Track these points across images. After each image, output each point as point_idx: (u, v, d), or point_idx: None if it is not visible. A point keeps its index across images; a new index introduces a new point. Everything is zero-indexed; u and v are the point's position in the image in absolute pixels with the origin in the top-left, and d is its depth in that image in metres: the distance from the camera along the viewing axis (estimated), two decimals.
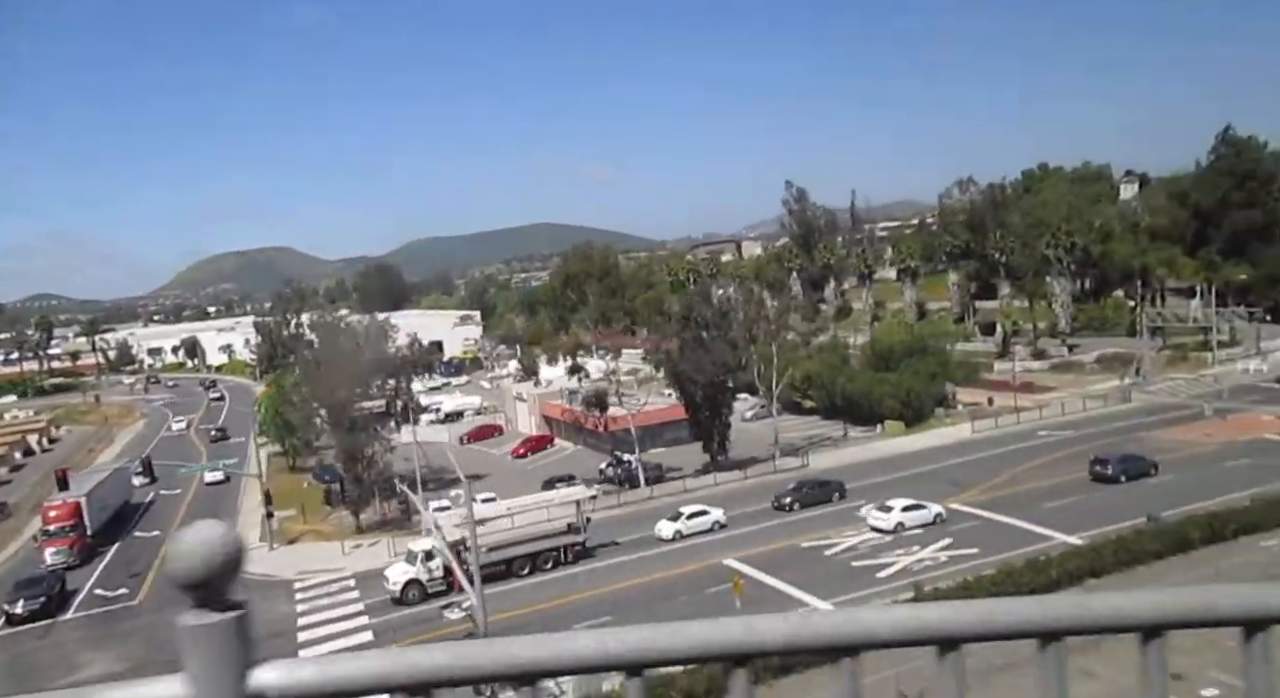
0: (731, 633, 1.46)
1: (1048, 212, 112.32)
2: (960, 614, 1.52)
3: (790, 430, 70.89)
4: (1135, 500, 42.60)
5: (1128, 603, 1.58)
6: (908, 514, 42.95)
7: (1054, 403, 67.52)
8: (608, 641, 1.44)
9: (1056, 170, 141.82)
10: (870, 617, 1.51)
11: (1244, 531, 37.48)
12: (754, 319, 57.21)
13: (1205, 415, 58.05)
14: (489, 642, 1.46)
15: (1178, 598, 1.60)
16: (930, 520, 43.07)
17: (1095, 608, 1.57)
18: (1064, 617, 1.53)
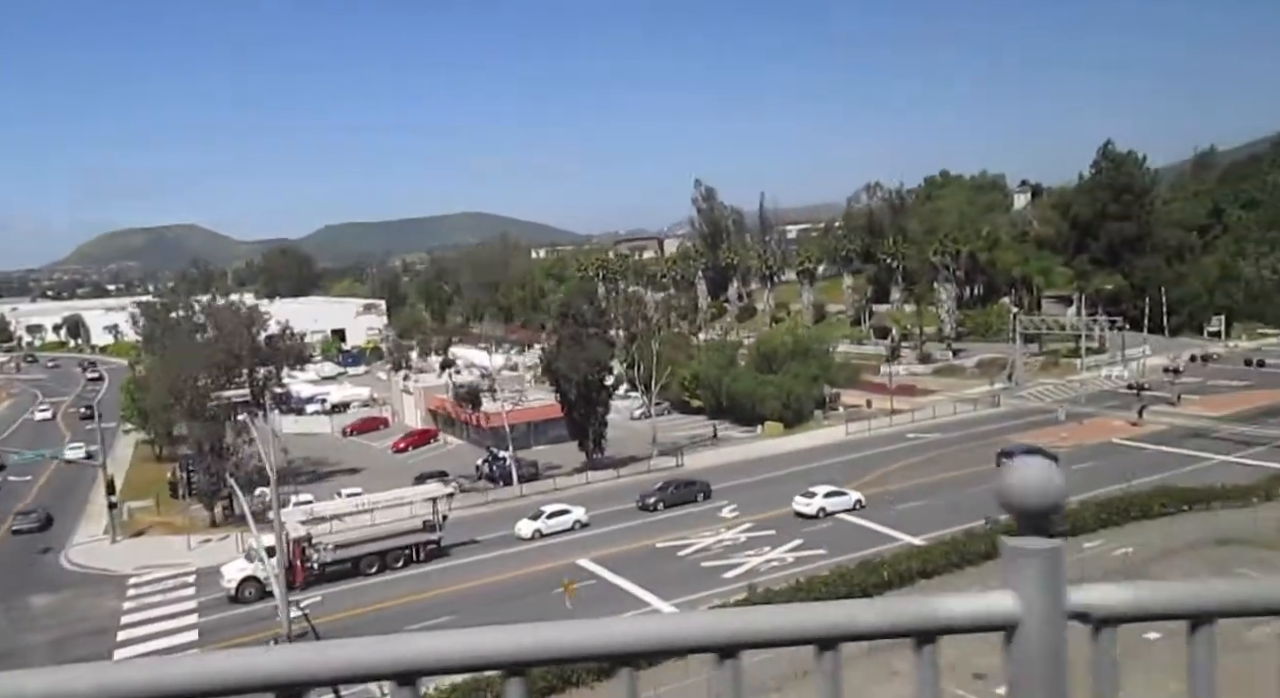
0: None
1: (942, 219, 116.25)
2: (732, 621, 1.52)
3: (675, 430, 71.45)
4: (980, 504, 44.08)
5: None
6: (829, 500, 45.33)
7: (929, 406, 69.71)
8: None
9: (957, 178, 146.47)
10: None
11: (1070, 532, 39.31)
12: (632, 318, 57.24)
13: (1059, 420, 60.74)
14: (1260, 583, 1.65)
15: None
16: (850, 506, 45.48)
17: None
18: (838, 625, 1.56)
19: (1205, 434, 57.22)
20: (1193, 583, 1.67)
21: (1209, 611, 1.64)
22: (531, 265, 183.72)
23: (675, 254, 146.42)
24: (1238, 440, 55.17)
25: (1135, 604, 1.59)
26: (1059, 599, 1.55)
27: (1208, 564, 35.81)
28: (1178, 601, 1.64)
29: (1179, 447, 54.59)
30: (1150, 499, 41.32)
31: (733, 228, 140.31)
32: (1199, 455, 52.37)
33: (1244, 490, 43.05)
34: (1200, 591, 1.66)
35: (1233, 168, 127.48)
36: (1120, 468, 50.23)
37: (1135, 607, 1.59)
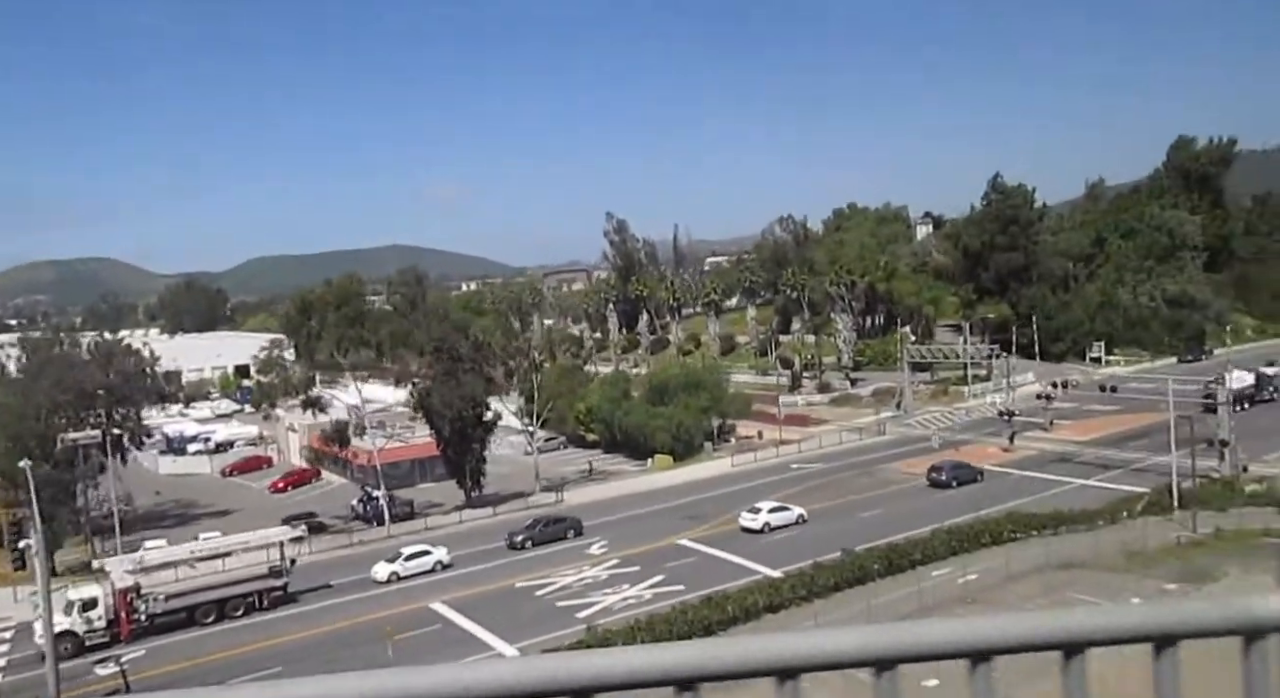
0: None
1: (844, 250, 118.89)
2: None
3: (568, 464, 70.85)
4: (840, 536, 44.24)
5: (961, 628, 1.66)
6: (774, 515, 47.63)
7: (817, 437, 70.43)
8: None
9: (863, 211, 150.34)
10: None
11: (921, 561, 39.80)
12: (511, 353, 56.61)
13: (934, 447, 61.96)
14: None
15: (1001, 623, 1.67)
16: (794, 521, 47.59)
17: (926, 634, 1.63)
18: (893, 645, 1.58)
19: (1071, 459, 58.97)
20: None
21: None
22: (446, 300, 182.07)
23: (589, 287, 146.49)
24: (1099, 464, 57.00)
25: None
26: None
27: (1047, 589, 36.61)
28: None
29: (1044, 472, 56.07)
30: (1000, 525, 42.18)
31: (645, 260, 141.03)
32: (1061, 480, 53.84)
33: (1091, 514, 44.33)
34: None
35: (1118, 199, 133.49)
36: (987, 494, 51.41)
37: None
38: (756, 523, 46.90)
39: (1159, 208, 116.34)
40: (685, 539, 46.89)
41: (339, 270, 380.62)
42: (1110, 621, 1.71)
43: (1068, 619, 1.67)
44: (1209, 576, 36.82)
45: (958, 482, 52.85)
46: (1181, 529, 42.17)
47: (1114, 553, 39.55)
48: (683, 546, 46.04)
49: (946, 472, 53.70)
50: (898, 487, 54.96)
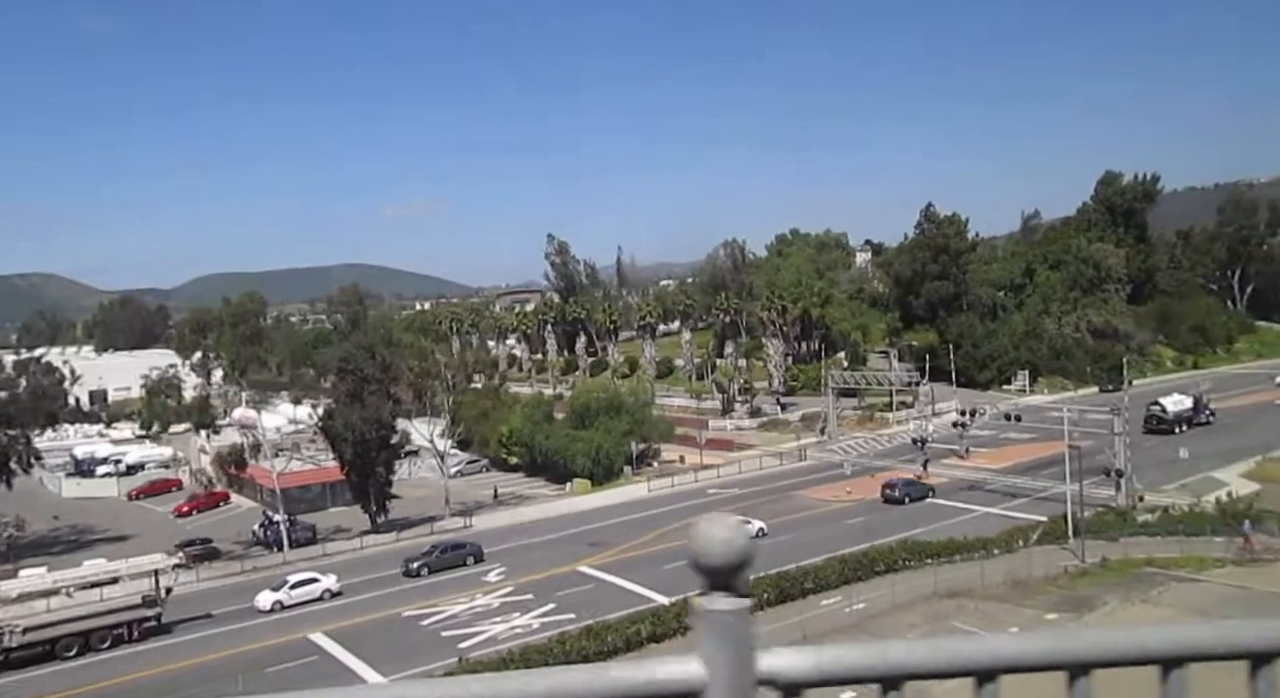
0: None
1: (780, 276, 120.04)
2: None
3: (489, 487, 69.91)
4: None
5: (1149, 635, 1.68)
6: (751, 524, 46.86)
7: (739, 461, 70.39)
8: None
9: (805, 236, 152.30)
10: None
11: (814, 589, 39.65)
12: (421, 374, 55.72)
13: (845, 474, 62.25)
14: (959, 639, 1.61)
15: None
16: (754, 534, 44.01)
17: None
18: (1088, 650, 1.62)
19: (980, 486, 59.59)
20: (879, 644, 1.59)
21: (896, 673, 1.58)
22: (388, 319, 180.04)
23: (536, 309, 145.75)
24: (1006, 492, 57.64)
25: (818, 669, 1.52)
26: (747, 665, 1.48)
27: (930, 619, 36.65)
28: (865, 664, 1.57)
29: (953, 499, 56.51)
30: (893, 554, 42.26)
31: (587, 282, 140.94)
32: (968, 508, 54.27)
33: (986, 543, 44.63)
34: (886, 652, 1.59)
35: (1050, 231, 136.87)
36: (893, 522, 51.64)
37: (819, 672, 1.52)
38: (752, 529, 47.26)
39: (1086, 241, 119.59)
40: (586, 566, 46.24)
41: (292, 288, 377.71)
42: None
43: (1260, 631, 1.66)
44: (1088, 605, 37.23)
45: (910, 498, 55.62)
46: (1072, 559, 42.67)
47: (1000, 582, 39.82)
48: (583, 572, 45.39)
49: (900, 489, 56.41)
50: (807, 513, 54.96)
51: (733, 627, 1.50)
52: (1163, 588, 38.57)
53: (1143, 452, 62.48)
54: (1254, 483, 54.41)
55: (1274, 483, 53.84)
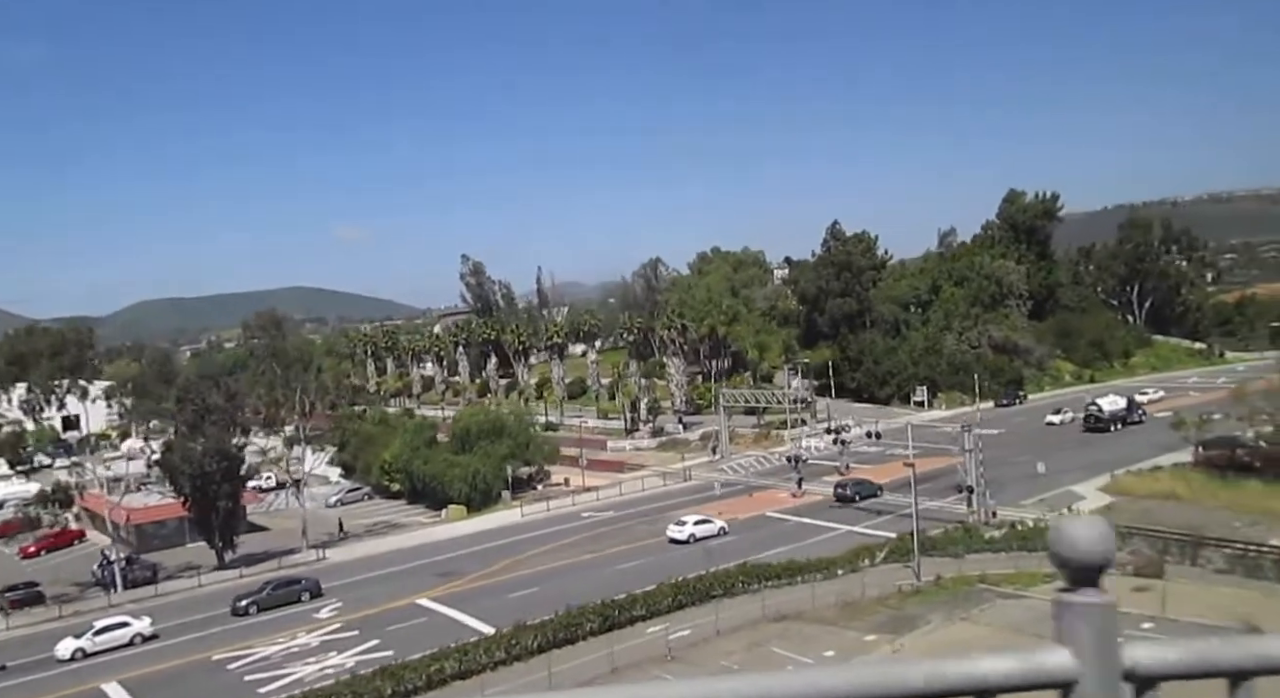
0: None
1: (692, 294, 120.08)
2: None
3: (368, 517, 67.95)
4: (589, 589, 42.78)
5: None
6: (699, 528, 51.82)
7: (622, 483, 69.41)
8: None
9: (726, 254, 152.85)
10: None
11: (644, 616, 38.65)
12: (272, 403, 53.79)
13: (715, 493, 61.62)
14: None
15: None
16: (715, 533, 51.32)
17: None
18: None
19: (851, 503, 59.36)
20: (1237, 640, 1.63)
21: (1249, 668, 1.61)
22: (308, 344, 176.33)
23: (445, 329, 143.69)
24: (875, 509, 57.47)
25: (1181, 662, 1.58)
26: (1114, 657, 1.54)
27: (749, 645, 35.90)
28: (1222, 657, 1.61)
29: (820, 518, 56.16)
30: (732, 577, 41.51)
31: (502, 302, 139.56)
32: (832, 526, 53.91)
33: (829, 562, 44.15)
34: (1244, 647, 1.62)
35: (960, 248, 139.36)
36: (750, 544, 51.03)
37: (1181, 665, 1.58)
38: (683, 534, 51.15)
39: (989, 258, 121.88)
40: (426, 598, 44.68)
41: (234, 313, 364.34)
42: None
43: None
44: (911, 624, 36.86)
45: (860, 496, 58.51)
46: (911, 577, 42.38)
47: (832, 604, 39.29)
48: (421, 605, 43.83)
49: (850, 488, 59.41)
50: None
51: (1101, 620, 1.55)
52: (987, 606, 38.39)
53: (1015, 466, 63.08)
54: (1110, 496, 55.01)
55: (1128, 496, 54.51)
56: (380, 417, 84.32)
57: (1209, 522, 49.12)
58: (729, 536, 51.62)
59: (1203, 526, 48.45)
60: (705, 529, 51.78)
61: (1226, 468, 55.10)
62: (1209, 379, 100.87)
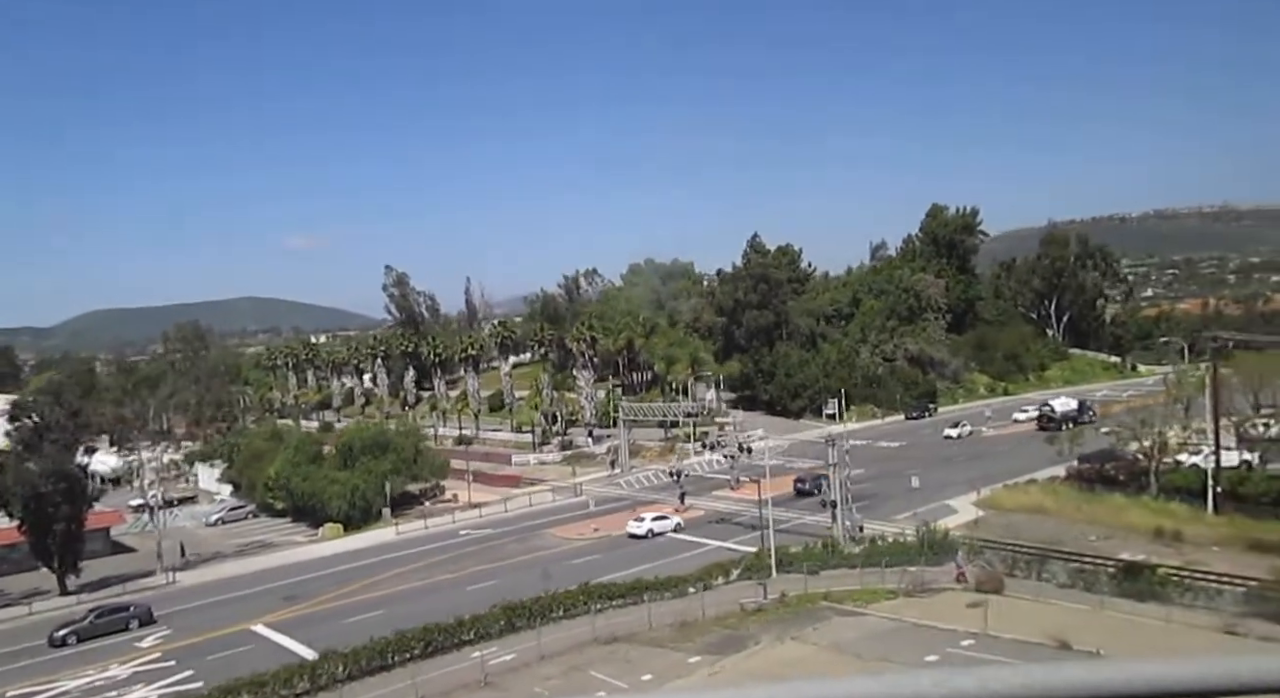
0: None
1: (611, 305, 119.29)
2: None
3: (242, 536, 65.71)
4: (447, 607, 41.00)
5: None
6: (656, 523, 55.27)
7: (513, 499, 68.02)
8: None
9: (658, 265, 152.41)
10: None
11: (474, 640, 37.27)
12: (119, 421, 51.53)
13: (589, 510, 60.54)
14: None
15: None
16: (672, 528, 54.88)
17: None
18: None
19: (730, 519, 58.63)
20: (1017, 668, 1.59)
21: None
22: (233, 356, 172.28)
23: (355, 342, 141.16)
24: (752, 524, 56.73)
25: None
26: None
27: (568, 670, 34.74)
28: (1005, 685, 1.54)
29: (695, 534, 55.27)
30: (573, 597, 40.36)
31: (427, 314, 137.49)
32: (701, 542, 53.03)
33: (681, 580, 43.21)
34: (1025, 675, 1.57)
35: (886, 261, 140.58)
36: (623, 558, 50.02)
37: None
38: (641, 529, 54.18)
39: (910, 271, 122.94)
40: (262, 624, 42.79)
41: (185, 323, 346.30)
42: None
43: None
44: (741, 645, 36.01)
45: (818, 489, 59.94)
46: (757, 596, 41.57)
47: (669, 624, 38.31)
48: (254, 632, 41.92)
49: (809, 482, 62.53)
50: (540, 553, 52.80)
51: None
52: (823, 624, 37.70)
53: (903, 480, 62.78)
54: (982, 510, 54.94)
55: (1000, 510, 54.48)
56: (272, 431, 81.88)
57: (1067, 535, 49.25)
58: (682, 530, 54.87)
59: (1060, 539, 48.55)
60: (662, 525, 55.26)
61: (1095, 481, 55.37)
62: (1117, 392, 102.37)
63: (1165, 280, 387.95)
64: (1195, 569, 40.14)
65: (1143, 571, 39.07)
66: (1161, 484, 52.51)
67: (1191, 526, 47.65)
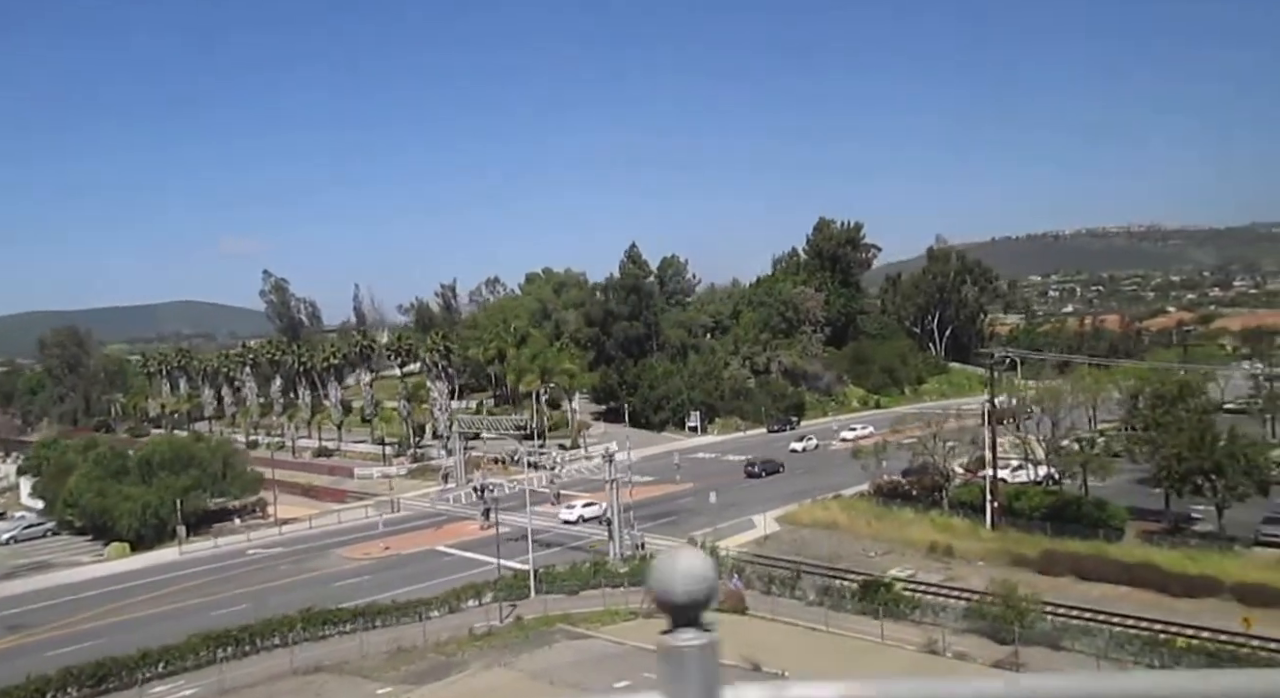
0: None
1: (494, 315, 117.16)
2: None
3: (27, 556, 61.88)
4: (175, 636, 38.24)
5: None
6: (586, 509, 57.78)
7: (324, 514, 65.40)
8: None
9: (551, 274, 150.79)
10: None
11: (158, 675, 34.67)
12: None
13: (379, 528, 58.33)
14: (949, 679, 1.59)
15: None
16: (600, 514, 54.44)
17: None
18: None
19: (535, 535, 56.77)
20: (858, 680, 1.55)
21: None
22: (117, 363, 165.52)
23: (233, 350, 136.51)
24: (557, 542, 55.11)
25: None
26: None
27: None
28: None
29: (484, 552, 53.36)
30: (290, 623, 38.07)
31: (306, 322, 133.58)
32: (484, 561, 50.95)
33: (426, 603, 41.21)
34: (862, 688, 1.53)
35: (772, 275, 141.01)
36: (399, 577, 47.92)
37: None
38: (572, 516, 57.70)
39: (792, 284, 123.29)
40: None
41: (118, 327, 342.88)
42: None
43: None
44: (444, 673, 34.21)
45: (765, 473, 66.76)
46: (493, 619, 39.85)
47: (384, 651, 36.31)
48: None
49: (759, 465, 68.29)
50: (314, 574, 50.40)
51: (699, 662, 1.48)
52: (545, 648, 36.13)
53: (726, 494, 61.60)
54: (781, 526, 54.17)
55: (796, 526, 53.76)
56: (87, 442, 77.76)
57: (849, 551, 48.72)
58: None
59: (840, 555, 48.00)
60: (592, 511, 57.22)
61: (895, 497, 55.08)
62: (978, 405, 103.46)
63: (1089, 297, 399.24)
64: (931, 584, 39.71)
65: (878, 587, 38.38)
66: (950, 500, 52.41)
67: (966, 541, 47.46)
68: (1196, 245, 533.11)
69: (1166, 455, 42.69)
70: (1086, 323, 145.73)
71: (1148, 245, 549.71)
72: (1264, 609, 35.40)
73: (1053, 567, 42.37)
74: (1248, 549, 41.68)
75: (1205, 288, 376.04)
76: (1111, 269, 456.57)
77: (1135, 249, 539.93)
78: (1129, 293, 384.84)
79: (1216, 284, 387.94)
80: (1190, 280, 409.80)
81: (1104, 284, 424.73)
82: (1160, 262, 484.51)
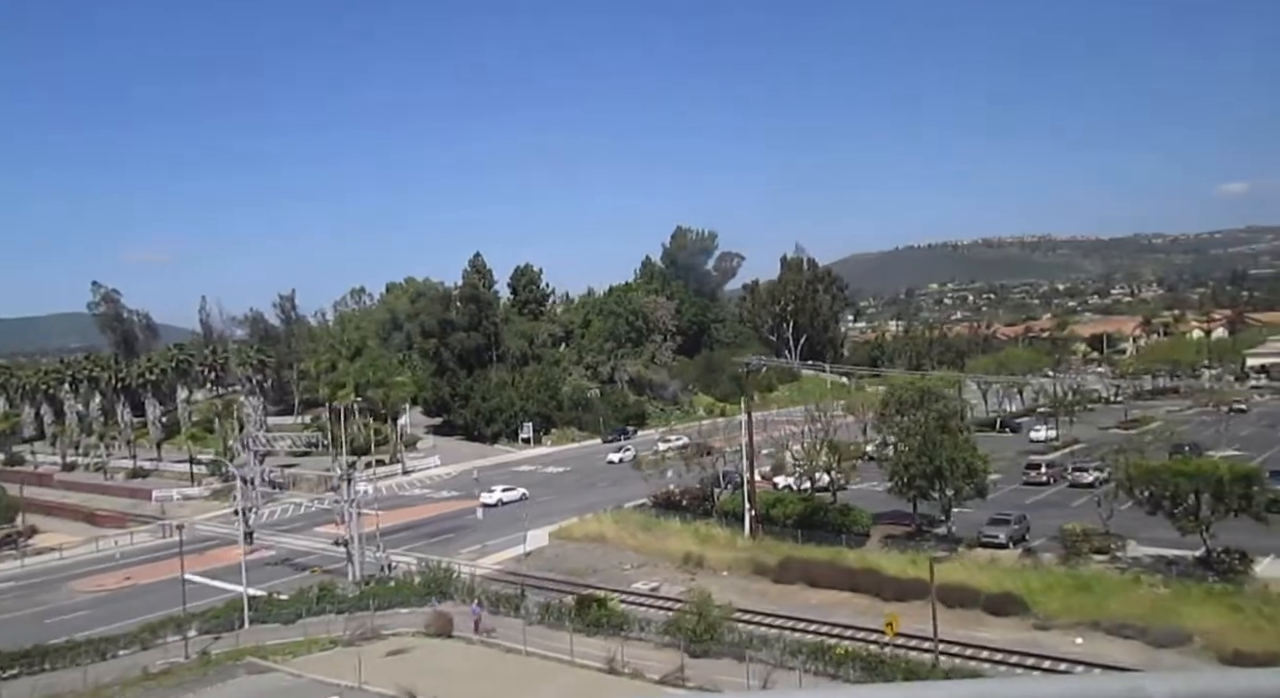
0: None
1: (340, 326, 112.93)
2: None
3: None
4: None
5: None
6: (505, 494, 62.42)
7: (77, 545, 60.98)
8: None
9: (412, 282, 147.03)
10: None
11: None
12: None
13: (118, 562, 54.68)
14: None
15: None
16: (518, 498, 61.24)
17: None
18: None
19: (291, 559, 54.17)
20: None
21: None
22: None
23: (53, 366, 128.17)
24: (307, 566, 52.41)
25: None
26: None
27: None
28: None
29: (229, 580, 49.91)
30: None
31: (141, 335, 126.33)
32: (227, 588, 47.88)
33: (109, 641, 38.01)
34: None
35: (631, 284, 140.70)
36: (126, 610, 44.48)
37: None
38: (492, 499, 60.99)
39: (643, 293, 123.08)
40: None
41: (8, 339, 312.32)
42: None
43: None
44: None
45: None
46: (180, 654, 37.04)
47: (53, 695, 33.14)
48: None
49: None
50: (40, 609, 46.46)
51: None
52: (221, 685, 33.65)
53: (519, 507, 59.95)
54: (553, 541, 52.84)
55: (566, 541, 52.53)
56: None
57: (607, 564, 47.73)
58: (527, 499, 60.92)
59: (597, 568, 46.96)
60: (511, 495, 62.58)
61: (670, 508, 54.52)
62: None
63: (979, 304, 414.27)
64: (645, 595, 38.99)
65: (592, 603, 37.33)
66: (718, 510, 52.12)
67: (721, 551, 47.03)
68: (1084, 255, 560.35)
69: (897, 461, 43.16)
70: (974, 329, 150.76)
71: (1039, 255, 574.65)
72: (960, 610, 35.85)
73: (787, 574, 42.26)
74: (969, 550, 42.39)
75: (1086, 296, 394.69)
76: (1005, 278, 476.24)
77: (1028, 259, 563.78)
78: (1017, 300, 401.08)
79: (1096, 292, 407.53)
80: (1073, 288, 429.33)
81: (996, 292, 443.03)
82: (1050, 271, 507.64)
